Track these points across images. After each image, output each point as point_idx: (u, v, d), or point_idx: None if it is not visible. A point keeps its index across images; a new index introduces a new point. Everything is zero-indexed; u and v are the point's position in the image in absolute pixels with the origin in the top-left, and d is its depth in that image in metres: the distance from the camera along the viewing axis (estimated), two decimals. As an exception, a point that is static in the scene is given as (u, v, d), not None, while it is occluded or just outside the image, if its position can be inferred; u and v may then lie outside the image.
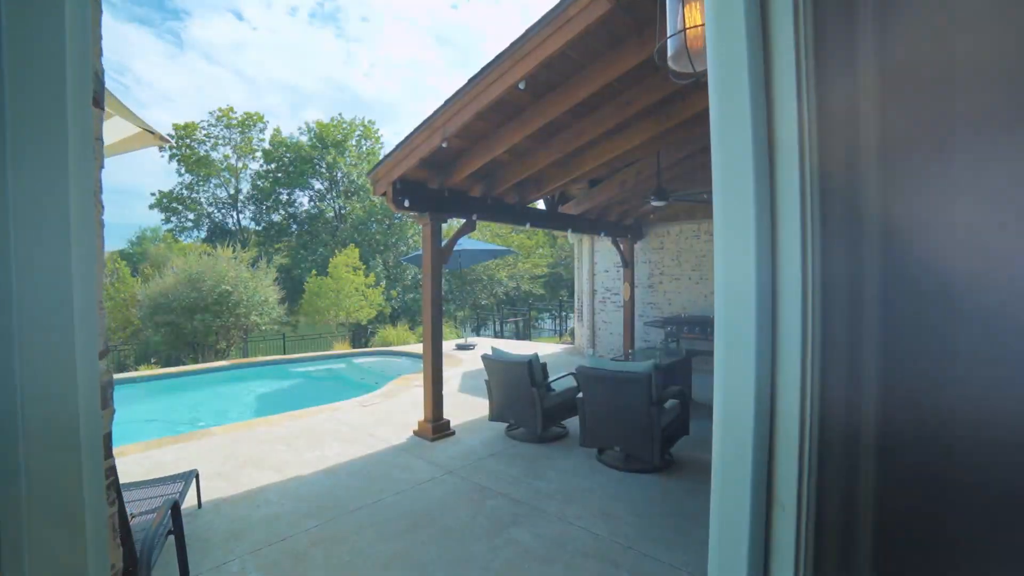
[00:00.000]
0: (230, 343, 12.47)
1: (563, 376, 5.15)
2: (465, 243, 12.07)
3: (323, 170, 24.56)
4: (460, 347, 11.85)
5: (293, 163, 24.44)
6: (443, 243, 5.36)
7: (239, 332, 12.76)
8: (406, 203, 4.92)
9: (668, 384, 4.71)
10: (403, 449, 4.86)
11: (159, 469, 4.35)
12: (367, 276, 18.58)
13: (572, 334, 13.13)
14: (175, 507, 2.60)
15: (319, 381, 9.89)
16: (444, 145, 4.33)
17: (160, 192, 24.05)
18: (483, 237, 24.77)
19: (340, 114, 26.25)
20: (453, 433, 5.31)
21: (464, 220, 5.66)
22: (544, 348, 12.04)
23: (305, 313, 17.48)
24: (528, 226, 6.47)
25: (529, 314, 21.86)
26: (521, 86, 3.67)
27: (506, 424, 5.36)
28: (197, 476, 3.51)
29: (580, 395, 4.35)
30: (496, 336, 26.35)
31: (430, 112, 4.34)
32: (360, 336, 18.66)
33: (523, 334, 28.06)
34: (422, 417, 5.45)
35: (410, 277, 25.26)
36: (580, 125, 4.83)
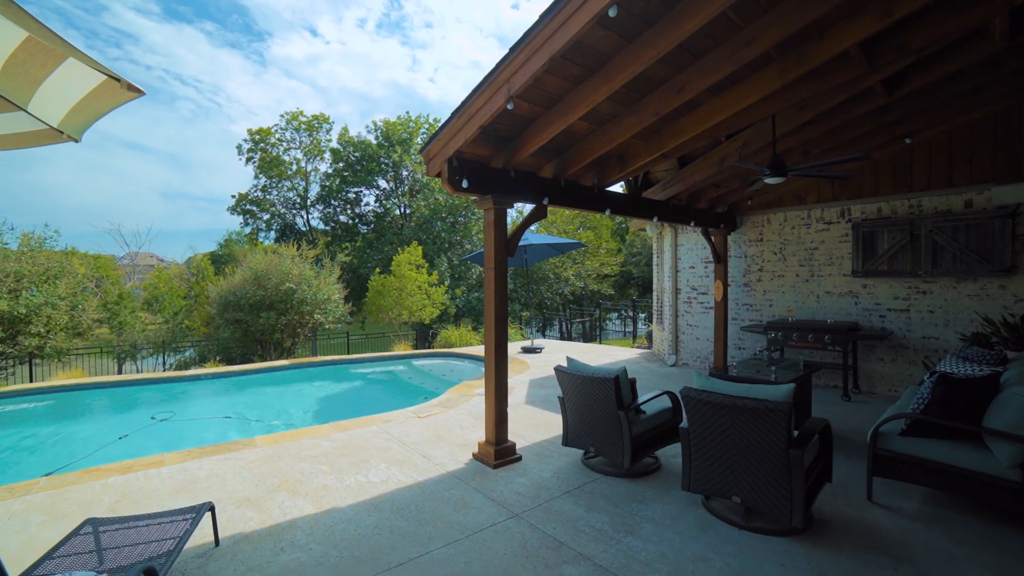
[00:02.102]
0: (296, 341, 12.53)
1: (656, 396, 4.12)
2: (531, 236, 11.24)
3: (388, 168, 24.84)
4: (526, 350, 11.03)
5: (360, 162, 24.94)
6: (509, 232, 4.52)
7: (304, 330, 12.79)
8: (464, 183, 4.13)
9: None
10: (460, 478, 4.08)
11: (189, 487, 3.90)
12: (430, 274, 18.31)
13: (649, 337, 11.86)
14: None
15: (377, 384, 9.48)
16: (510, 107, 3.47)
17: (238, 194, 25.55)
18: (546, 233, 23.85)
19: (407, 112, 26.44)
20: (519, 459, 4.45)
21: (533, 206, 4.78)
22: (617, 353, 10.90)
23: (369, 312, 17.50)
24: (608, 213, 5.47)
25: (597, 314, 20.64)
26: (611, 12, 2.72)
27: (583, 450, 4.42)
28: (213, 510, 2.91)
29: (685, 425, 3.31)
30: (562, 337, 25.34)
31: (491, 68, 3.50)
32: (424, 336, 18.45)
33: (590, 335, 26.85)
34: (483, 437, 4.66)
35: (474, 276, 24.91)
36: (680, 79, 3.78)
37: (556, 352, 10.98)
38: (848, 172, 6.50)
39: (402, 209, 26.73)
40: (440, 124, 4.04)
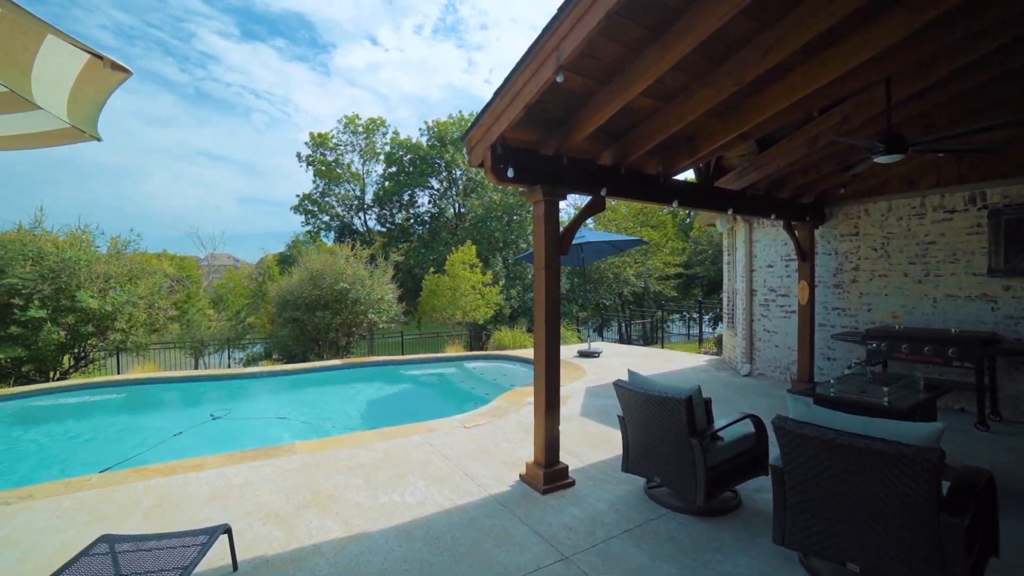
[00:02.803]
0: (351, 340, 12.71)
1: (736, 421, 3.44)
2: (588, 234, 10.62)
3: (441, 169, 25.02)
4: (583, 354, 10.43)
5: (413, 163, 25.31)
6: (562, 227, 4.01)
7: (359, 329, 12.95)
8: (510, 173, 3.67)
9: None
10: (504, 504, 3.62)
11: (223, 495, 3.74)
12: (484, 274, 18.11)
13: (718, 343, 10.85)
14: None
15: (427, 387, 9.29)
16: (559, 79, 2.96)
17: (302, 194, 26.83)
18: (604, 230, 22.87)
19: (460, 111, 26.52)
20: (571, 483, 3.93)
21: (589, 198, 4.23)
22: (681, 359, 10.02)
23: (423, 312, 17.58)
24: (674, 205, 4.80)
25: (660, 315, 19.52)
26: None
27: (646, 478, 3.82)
28: (229, 533, 2.65)
29: (778, 462, 2.65)
30: (621, 340, 24.33)
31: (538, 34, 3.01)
32: (478, 337, 18.28)
33: (651, 338, 25.61)
34: (531, 454, 4.18)
35: (530, 275, 24.52)
36: (767, 36, 3.10)
37: (615, 357, 10.29)
38: (995, 145, 5.22)
39: (456, 209, 26.85)
40: (482, 107, 3.61)
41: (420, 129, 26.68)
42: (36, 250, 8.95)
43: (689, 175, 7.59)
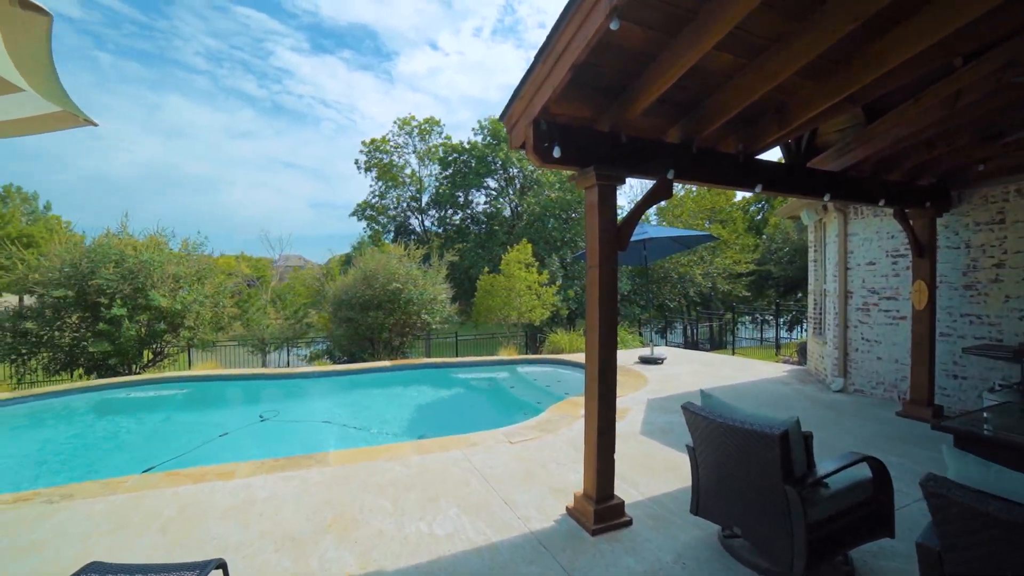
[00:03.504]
0: (404, 341, 12.62)
1: (848, 465, 2.63)
2: (650, 229, 9.76)
3: (497, 168, 24.73)
4: (644, 360, 9.58)
5: (467, 164, 25.24)
6: (620, 219, 3.37)
7: (413, 330, 12.84)
8: (556, 152, 3.09)
9: None
10: (545, 545, 3.05)
11: (243, 510, 3.51)
12: (541, 273, 17.53)
13: (801, 351, 9.56)
14: None
15: (476, 393, 8.88)
16: (613, 27, 2.34)
17: (360, 203, 27.67)
18: (667, 225, 21.37)
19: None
20: (628, 523, 3.28)
21: (653, 182, 3.55)
22: (757, 368, 8.88)
23: (477, 312, 17.30)
24: (758, 190, 3.97)
25: (728, 317, 17.98)
26: None
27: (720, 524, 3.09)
28: (224, 568, 2.30)
29: (930, 540, 1.87)
30: (686, 343, 22.83)
31: (588, -28, 2.40)
32: (535, 339, 17.76)
33: (718, 341, 23.84)
34: (581, 484, 3.57)
35: (587, 275, 23.70)
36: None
37: (680, 364, 9.34)
38: None
39: (513, 208, 26.48)
40: (521, 77, 3.06)
41: (474, 128, 26.55)
42: (119, 253, 9.56)
43: (774, 155, 6.60)
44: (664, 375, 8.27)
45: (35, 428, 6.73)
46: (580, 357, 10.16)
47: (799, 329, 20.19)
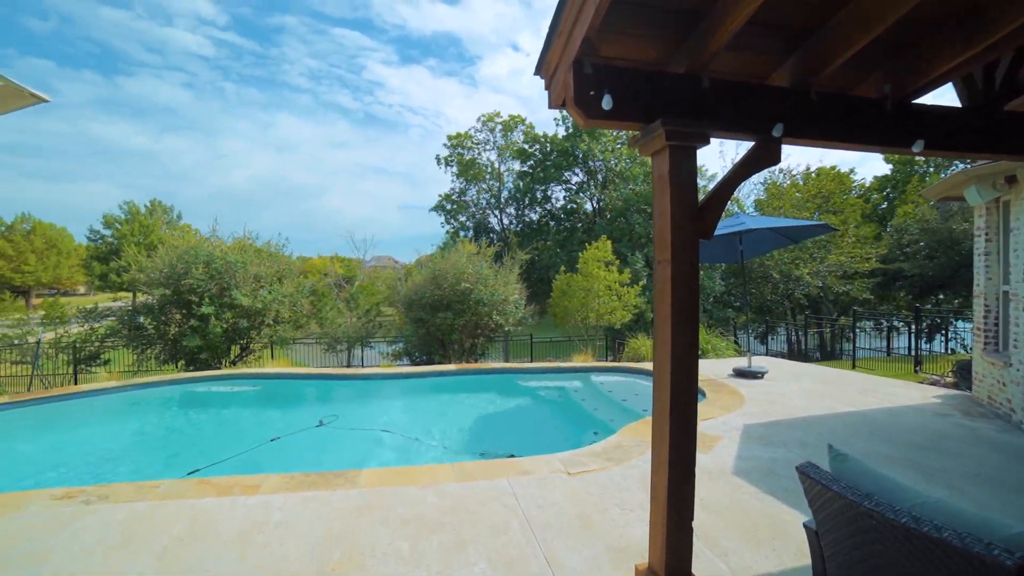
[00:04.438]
0: (475, 343, 12.23)
1: None
2: (748, 220, 8.33)
3: (578, 160, 23.62)
4: (740, 373, 8.19)
5: (548, 157, 24.40)
6: (703, 195, 2.43)
7: (485, 331, 12.39)
8: (605, 103, 2.25)
9: None
10: (591, 645, 2.22)
11: (246, 539, 3.18)
12: (622, 272, 16.25)
13: (961, 371, 7.52)
14: None
15: (543, 404, 8.11)
16: None
17: (443, 194, 28.04)
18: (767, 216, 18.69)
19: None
20: (713, 620, 2.33)
21: (752, 144, 2.56)
22: (890, 390, 7.06)
23: (553, 314, 16.44)
24: (918, 148, 2.75)
25: (843, 322, 15.36)
26: None
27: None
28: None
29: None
30: (791, 351, 20.14)
31: None
32: (615, 343, 16.58)
33: (830, 350, 20.72)
34: (647, 547, 2.67)
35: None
36: None
37: (786, 379, 7.80)
38: None
39: (594, 203, 25.24)
40: (556, 5, 2.26)
41: (556, 119, 25.66)
42: (208, 255, 10.21)
43: (938, 97, 4.99)
44: (766, 393, 6.88)
45: (124, 417, 7.20)
46: (662, 367, 8.98)
47: (941, 339, 16.75)
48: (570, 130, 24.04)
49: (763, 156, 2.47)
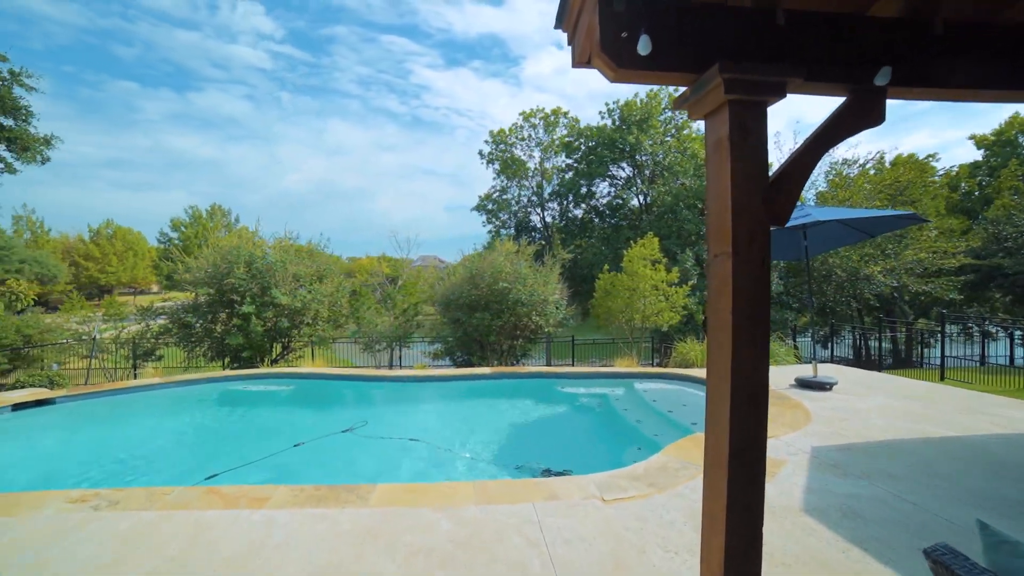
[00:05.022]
0: (514, 344, 11.80)
1: None
2: (814, 211, 7.39)
3: (625, 154, 22.60)
4: (804, 384, 7.28)
5: (593, 151, 23.53)
6: (773, 165, 1.86)
7: (523, 333, 11.94)
8: (643, 47, 1.73)
9: None
10: None
11: (244, 562, 2.87)
12: (670, 271, 15.32)
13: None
14: None
15: (582, 413, 7.54)
16: None
17: (483, 194, 27.76)
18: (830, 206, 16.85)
19: (646, 93, 23.51)
20: None
21: (843, 99, 1.94)
22: (998, 409, 5.95)
23: (596, 315, 15.73)
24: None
25: (924, 326, 13.72)
26: None
27: None
28: None
29: None
30: (857, 356, 18.38)
31: None
32: (662, 347, 15.68)
33: (905, 357, 18.76)
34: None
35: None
36: None
37: (860, 391, 6.83)
38: None
39: (641, 199, 24.14)
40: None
41: (601, 112, 24.60)
42: (249, 254, 10.37)
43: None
44: (837, 409, 6.00)
45: (159, 414, 7.32)
46: (714, 374, 8.16)
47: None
48: (616, 123, 23.07)
49: (860, 112, 1.85)
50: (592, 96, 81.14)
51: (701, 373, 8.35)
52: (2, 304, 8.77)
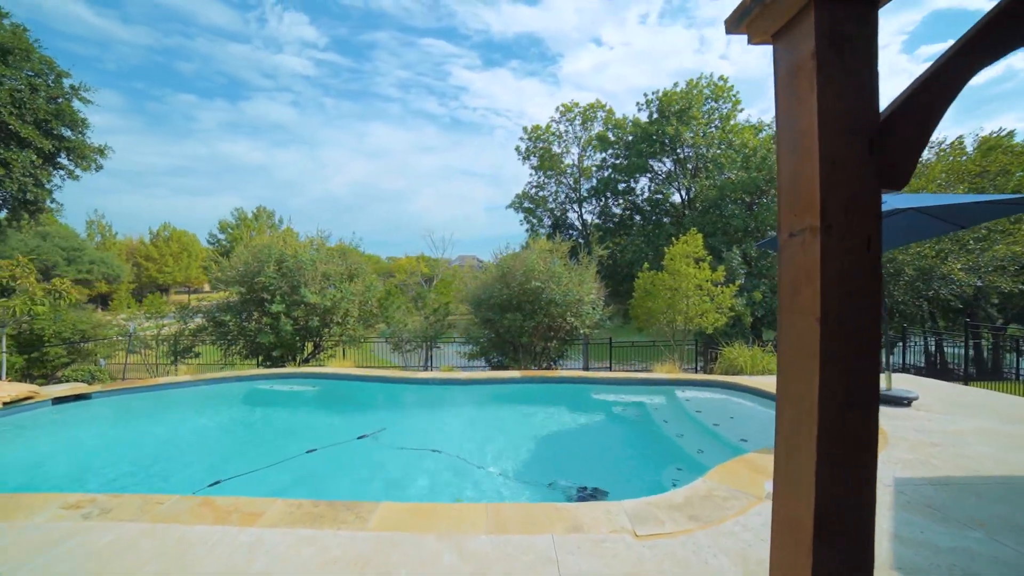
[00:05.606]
0: (548, 346, 11.25)
1: None
2: (890, 198, 6.44)
3: (665, 147, 21.47)
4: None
5: (631, 145, 22.51)
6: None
7: (558, 334, 11.37)
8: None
9: None
10: None
11: None
12: (715, 270, 14.30)
13: None
14: None
15: (617, 424, 6.90)
16: None
17: (520, 193, 27.21)
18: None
19: (691, 77, 22.24)
20: None
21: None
22: None
23: (635, 315, 14.90)
24: None
25: (1016, 331, 12.09)
26: None
27: None
28: None
29: None
30: (929, 365, 16.61)
31: None
32: (707, 351, 14.71)
33: (993, 369, 16.76)
34: None
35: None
36: None
37: (951, 411, 5.83)
38: None
39: (683, 194, 22.94)
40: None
41: (638, 103, 23.41)
42: (280, 253, 10.36)
43: None
44: (922, 431, 5.09)
45: (183, 412, 7.28)
46: (766, 382, 7.31)
47: None
48: (655, 115, 21.95)
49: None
50: (633, 92, 79.27)
51: (751, 381, 7.51)
52: (47, 301, 9.08)
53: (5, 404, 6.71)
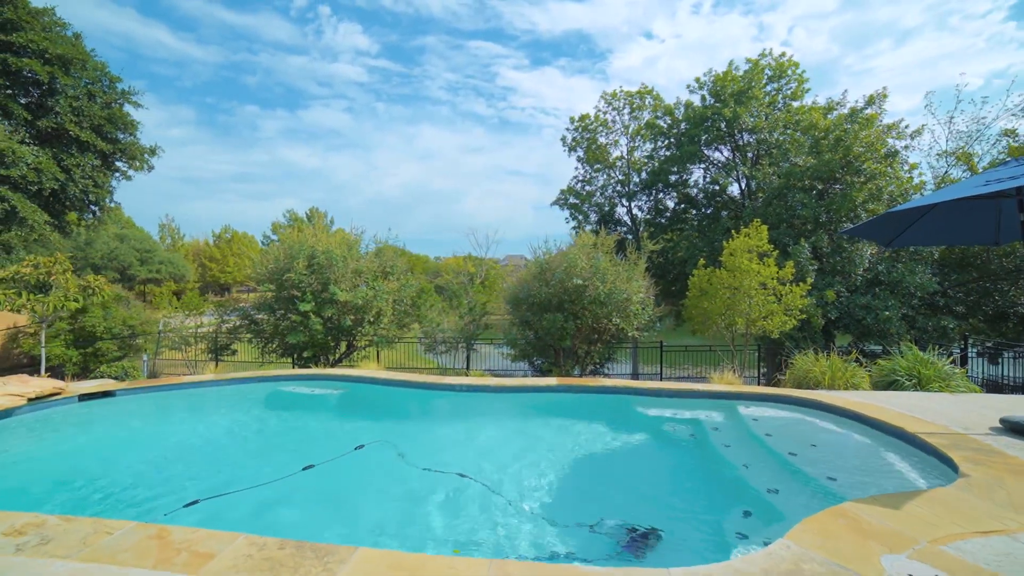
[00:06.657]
0: (591, 349, 10.27)
1: None
2: (946, 190, 5.04)
3: (722, 132, 19.64)
4: (1017, 427, 4.97)
5: (683, 132, 20.81)
6: None
7: (603, 337, 10.37)
8: None
9: None
10: None
11: None
12: (781, 267, 12.70)
13: None
14: None
15: (666, 446, 5.81)
16: None
17: (565, 188, 25.98)
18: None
19: (746, 58, 20.16)
20: None
21: None
22: None
23: (689, 317, 13.53)
24: None
25: None
26: None
27: None
28: None
29: None
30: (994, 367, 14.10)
31: None
32: (774, 358, 13.14)
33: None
34: None
35: (863, 266, 16.78)
36: None
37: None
38: None
39: (743, 184, 21.01)
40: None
41: (690, 86, 21.56)
42: (310, 249, 10.04)
43: None
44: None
45: (201, 414, 6.98)
46: (854, 401, 6.00)
47: None
48: (708, 100, 20.16)
49: None
50: (684, 84, 75.81)
51: (834, 399, 6.22)
52: (81, 298, 9.22)
53: (30, 400, 6.64)
